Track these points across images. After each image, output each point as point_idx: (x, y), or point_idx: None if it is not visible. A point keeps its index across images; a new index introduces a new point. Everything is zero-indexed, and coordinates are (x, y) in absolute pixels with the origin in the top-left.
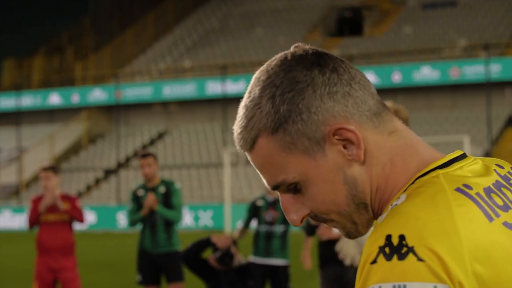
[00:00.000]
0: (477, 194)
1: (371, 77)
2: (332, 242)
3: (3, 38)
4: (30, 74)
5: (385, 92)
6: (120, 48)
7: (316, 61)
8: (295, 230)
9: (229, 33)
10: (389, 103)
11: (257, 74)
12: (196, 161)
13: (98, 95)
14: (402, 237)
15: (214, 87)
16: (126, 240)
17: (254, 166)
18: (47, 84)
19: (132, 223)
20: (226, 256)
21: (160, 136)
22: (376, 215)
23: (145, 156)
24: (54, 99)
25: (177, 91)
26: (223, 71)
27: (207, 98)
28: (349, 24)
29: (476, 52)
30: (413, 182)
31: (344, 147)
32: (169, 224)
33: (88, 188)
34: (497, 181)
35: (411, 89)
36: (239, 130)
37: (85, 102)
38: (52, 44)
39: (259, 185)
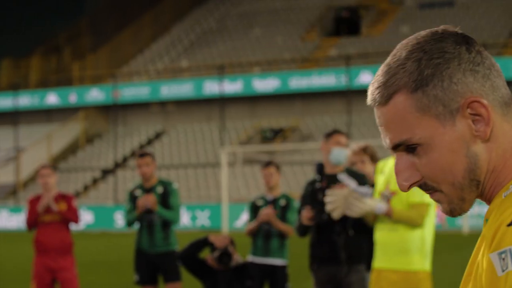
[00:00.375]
0: None
1: (368, 77)
2: (323, 242)
3: (0, 38)
4: (27, 74)
5: None
6: (117, 48)
7: (465, 40)
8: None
9: (226, 33)
10: None
11: (404, 41)
12: (194, 161)
13: (95, 95)
14: None
15: (212, 87)
16: (124, 240)
17: (379, 122)
18: (45, 84)
19: (129, 223)
20: (225, 255)
21: (158, 136)
22: (485, 195)
23: (143, 155)
24: (52, 99)
25: (174, 91)
26: (221, 71)
27: (204, 98)
28: (346, 24)
29: None
30: None
31: (473, 122)
32: (167, 224)
33: (86, 188)
34: None
35: None
36: (376, 85)
37: (83, 102)
38: (50, 44)
39: (256, 184)
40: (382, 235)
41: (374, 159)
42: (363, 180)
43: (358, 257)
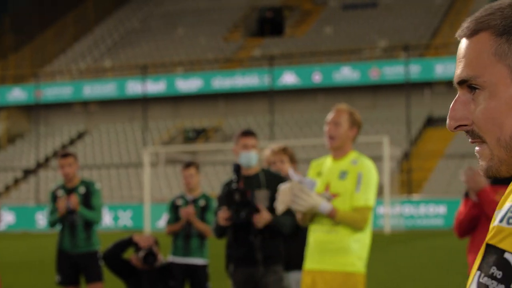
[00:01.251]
0: None
1: (292, 77)
2: (240, 243)
3: None
4: None
5: (305, 92)
6: (40, 47)
7: None
8: None
9: (150, 33)
10: (343, 106)
11: None
12: (116, 161)
13: (17, 94)
14: None
15: (135, 87)
16: (45, 240)
17: (458, 53)
18: None
19: (51, 223)
20: (150, 255)
21: (80, 136)
22: None
23: (65, 156)
24: None
25: (97, 91)
26: (144, 71)
27: (127, 98)
28: (270, 24)
29: (396, 53)
30: None
31: None
32: (89, 224)
33: (7, 188)
34: None
35: (331, 90)
36: (470, 20)
37: (5, 102)
38: None
39: (178, 184)
40: (318, 236)
41: (293, 160)
42: (280, 180)
43: (275, 258)
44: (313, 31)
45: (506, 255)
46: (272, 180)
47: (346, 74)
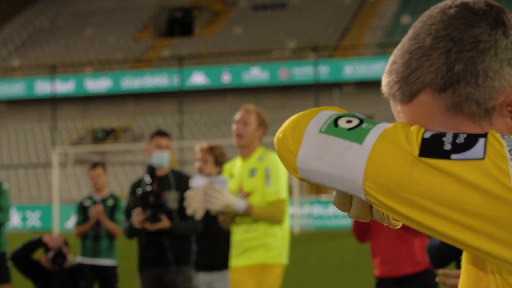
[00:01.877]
0: None
1: (201, 77)
2: (152, 244)
3: None
4: None
5: (214, 92)
6: None
7: (501, 20)
8: None
9: (59, 33)
10: (251, 106)
11: (424, 18)
12: (25, 161)
13: None
14: None
15: (43, 87)
16: None
17: (399, 118)
18: None
19: None
20: (59, 256)
21: None
22: None
23: None
24: None
25: (5, 90)
26: (52, 70)
27: (36, 97)
28: (179, 25)
29: (305, 53)
30: None
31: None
32: None
33: None
34: None
35: (240, 90)
36: (395, 78)
37: None
38: None
39: (87, 185)
40: (239, 236)
41: (219, 162)
42: (187, 180)
43: (185, 259)
44: (222, 31)
45: None
46: (181, 181)
47: (255, 74)
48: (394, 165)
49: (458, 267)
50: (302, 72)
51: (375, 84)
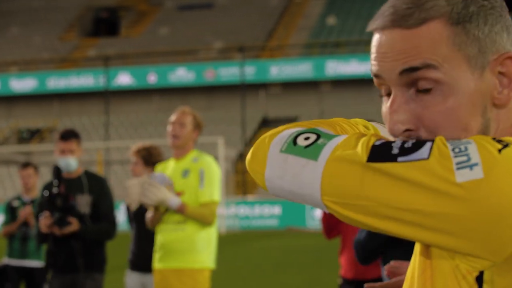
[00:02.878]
0: None
1: (127, 78)
2: (61, 249)
3: None
4: None
5: (140, 93)
6: None
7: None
8: None
9: None
10: (187, 108)
11: None
12: None
13: None
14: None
15: None
16: None
17: (389, 47)
18: None
19: None
20: None
21: None
22: None
23: None
24: None
25: None
26: None
27: None
28: (105, 25)
29: (231, 54)
30: None
31: (499, 83)
32: None
33: None
34: None
35: (166, 90)
36: (409, 5)
37: None
38: None
39: (13, 185)
40: (166, 235)
41: (149, 162)
42: (102, 183)
43: (97, 265)
44: (148, 31)
45: None
46: (94, 183)
47: (182, 75)
48: (346, 176)
49: (385, 262)
50: (228, 72)
51: (301, 84)
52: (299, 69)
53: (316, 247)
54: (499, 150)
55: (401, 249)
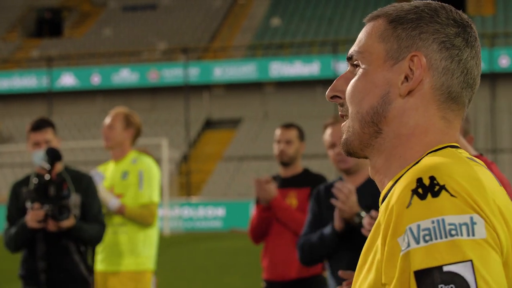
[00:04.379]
0: (483, 166)
1: (70, 79)
2: (54, 251)
3: None
4: None
5: (84, 94)
6: None
7: (463, 27)
8: None
9: None
10: (117, 109)
11: None
12: None
13: None
14: (432, 178)
15: None
16: None
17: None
18: None
19: None
20: None
21: None
22: (380, 153)
23: None
24: None
25: None
26: None
27: None
28: (48, 25)
29: (175, 55)
30: (424, 156)
31: (406, 79)
32: None
33: None
34: None
35: (110, 91)
36: (379, 9)
37: None
38: None
39: None
40: (107, 238)
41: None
42: (86, 181)
43: (90, 268)
44: (92, 32)
45: (446, 268)
46: (79, 181)
47: (125, 76)
48: None
49: (333, 271)
50: (172, 74)
51: (244, 86)
52: (243, 70)
53: (259, 249)
54: None
55: (347, 254)
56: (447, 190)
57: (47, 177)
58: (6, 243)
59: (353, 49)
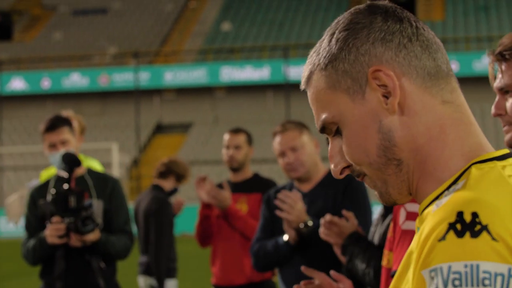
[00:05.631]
0: None
1: (20, 83)
2: (75, 268)
3: None
4: None
5: (34, 98)
6: None
7: (384, 11)
8: None
9: None
10: (69, 112)
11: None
12: None
13: None
14: (475, 214)
15: None
16: None
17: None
18: None
19: None
20: None
21: None
22: (413, 178)
23: None
24: None
25: None
26: None
27: None
28: None
29: (126, 59)
30: (469, 166)
31: (385, 96)
32: None
33: None
34: None
35: (60, 96)
36: (307, 66)
37: None
38: None
39: None
40: None
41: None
42: (112, 185)
43: (114, 283)
44: (42, 36)
45: None
46: (103, 185)
47: (75, 80)
48: None
49: (283, 277)
50: (123, 78)
51: (195, 90)
52: (194, 75)
53: (208, 254)
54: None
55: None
56: (489, 232)
57: (65, 186)
58: (24, 256)
59: (319, 125)
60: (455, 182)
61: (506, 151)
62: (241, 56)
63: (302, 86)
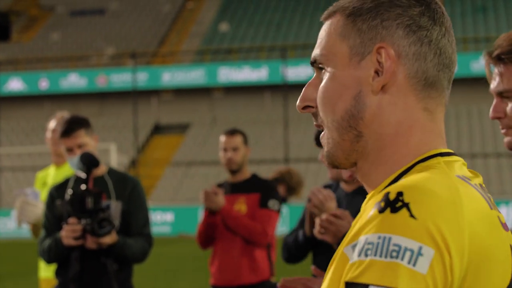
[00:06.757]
0: (475, 185)
1: (18, 83)
2: (90, 270)
3: None
4: None
5: (31, 98)
6: None
7: (427, 4)
8: None
9: None
10: (65, 113)
11: None
12: None
13: None
14: (400, 193)
15: None
16: None
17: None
18: None
19: None
20: None
21: None
22: (367, 157)
23: None
24: None
25: None
26: None
27: None
28: None
29: (124, 60)
30: (413, 166)
31: (376, 73)
32: None
33: None
34: (480, 184)
35: (58, 96)
36: (333, 5)
37: None
38: None
39: None
40: None
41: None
42: (132, 185)
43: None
44: (40, 37)
45: None
46: (122, 185)
47: (73, 81)
48: None
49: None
50: (120, 79)
51: (193, 91)
52: (191, 75)
53: (207, 254)
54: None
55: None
56: (408, 209)
57: (83, 187)
58: (40, 253)
59: (315, 52)
60: (400, 176)
61: (451, 151)
62: (239, 56)
63: (323, 16)
